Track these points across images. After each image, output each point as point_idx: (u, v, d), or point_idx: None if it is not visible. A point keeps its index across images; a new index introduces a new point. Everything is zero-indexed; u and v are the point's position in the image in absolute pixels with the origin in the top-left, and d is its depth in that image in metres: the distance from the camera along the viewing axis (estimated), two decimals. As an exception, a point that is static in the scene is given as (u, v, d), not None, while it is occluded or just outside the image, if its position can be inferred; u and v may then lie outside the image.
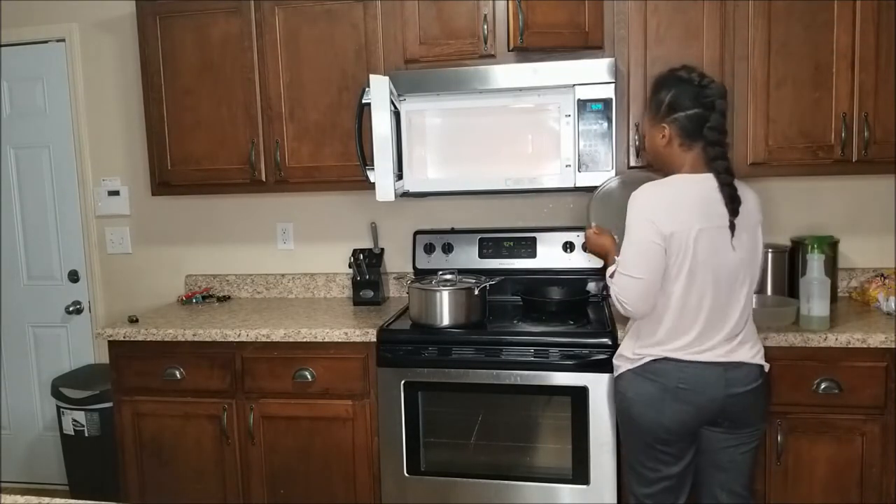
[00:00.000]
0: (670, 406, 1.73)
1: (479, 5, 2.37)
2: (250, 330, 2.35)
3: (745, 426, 1.79)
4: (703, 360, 1.73)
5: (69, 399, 2.85)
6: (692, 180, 1.72)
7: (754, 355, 1.78)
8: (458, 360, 2.20)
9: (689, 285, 1.71)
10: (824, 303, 2.09)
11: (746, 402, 1.76)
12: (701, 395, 1.73)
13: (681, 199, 1.70)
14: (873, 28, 2.18)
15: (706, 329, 1.73)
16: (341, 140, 2.52)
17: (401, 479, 2.28)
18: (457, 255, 2.71)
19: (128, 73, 2.99)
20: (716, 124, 1.69)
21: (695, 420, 1.75)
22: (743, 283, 1.75)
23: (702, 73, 1.74)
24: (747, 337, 1.78)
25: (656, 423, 1.75)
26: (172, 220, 3.07)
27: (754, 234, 1.77)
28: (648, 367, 1.76)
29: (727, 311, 1.74)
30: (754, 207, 1.78)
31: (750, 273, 1.77)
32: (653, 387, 1.75)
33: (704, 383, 1.72)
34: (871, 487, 2.06)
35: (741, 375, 1.75)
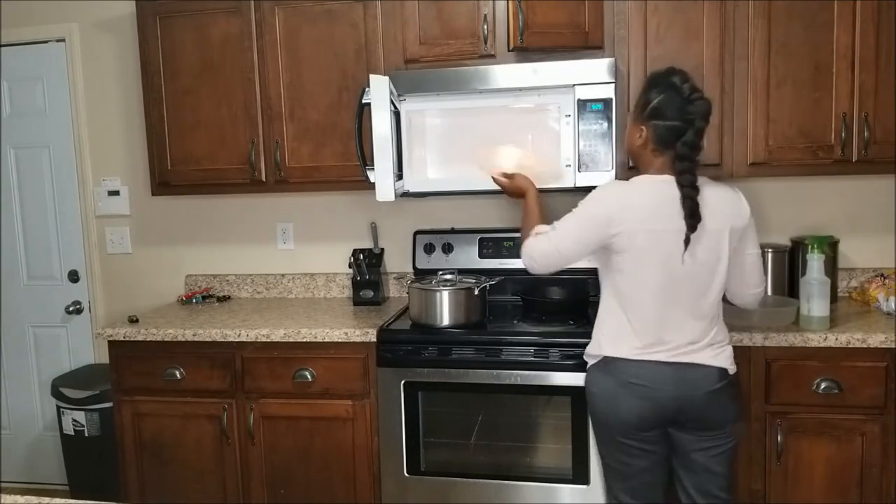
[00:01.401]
0: (626, 400, 1.76)
1: (479, 5, 2.37)
2: (250, 330, 2.35)
3: (710, 429, 1.77)
4: (653, 359, 1.74)
5: (69, 399, 2.85)
6: (657, 181, 1.74)
7: (715, 356, 1.76)
8: (458, 360, 2.20)
9: (641, 285, 1.74)
10: (824, 303, 2.09)
11: (706, 404, 1.74)
12: (655, 391, 1.74)
13: (640, 201, 1.73)
14: (873, 28, 2.18)
15: (660, 332, 1.74)
16: (341, 140, 2.52)
17: (401, 479, 2.28)
18: (457, 255, 2.71)
19: (128, 73, 2.99)
20: (690, 140, 1.70)
21: (652, 415, 1.75)
22: (706, 289, 1.74)
23: (693, 86, 1.73)
24: (711, 342, 1.77)
25: (614, 417, 1.78)
26: (172, 220, 3.07)
27: (724, 240, 1.73)
28: (605, 361, 1.81)
29: (685, 318, 1.74)
30: (733, 212, 1.75)
31: (717, 279, 1.75)
32: (610, 381, 1.78)
33: (657, 380, 1.74)
34: (871, 487, 2.06)
35: (698, 376, 1.74)
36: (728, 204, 1.75)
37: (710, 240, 1.72)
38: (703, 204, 1.69)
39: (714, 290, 1.76)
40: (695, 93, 1.72)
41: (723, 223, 1.73)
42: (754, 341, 2.06)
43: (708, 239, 1.71)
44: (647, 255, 1.72)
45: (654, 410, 1.75)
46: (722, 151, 2.30)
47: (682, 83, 1.72)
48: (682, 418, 1.76)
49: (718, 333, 1.80)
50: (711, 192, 1.74)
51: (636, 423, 1.76)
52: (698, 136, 1.71)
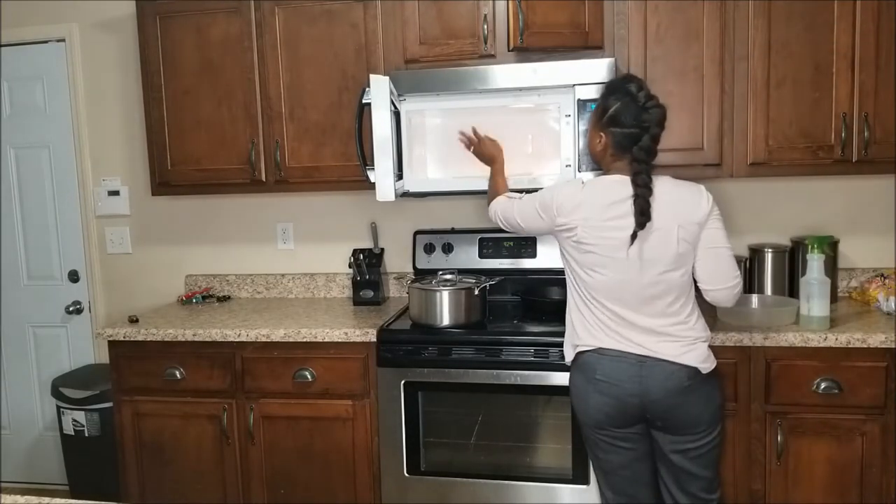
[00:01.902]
0: (593, 397, 1.80)
1: (479, 5, 2.37)
2: (250, 330, 2.35)
3: (680, 429, 1.78)
4: (619, 349, 1.77)
5: (69, 399, 2.85)
6: (613, 182, 1.79)
7: (682, 354, 1.75)
8: (458, 360, 2.20)
9: (598, 282, 1.78)
10: (824, 303, 2.09)
11: (672, 403, 1.75)
12: (618, 388, 1.76)
13: (592, 199, 1.79)
14: (873, 28, 2.18)
15: (621, 328, 1.78)
16: (341, 140, 2.52)
17: (401, 479, 2.28)
18: (457, 255, 2.71)
19: (128, 73, 2.99)
20: (646, 146, 1.76)
21: (618, 413, 1.77)
22: (664, 286, 1.76)
23: (649, 94, 1.78)
24: (677, 338, 1.77)
25: (585, 413, 1.83)
26: (172, 220, 3.07)
27: (676, 237, 1.74)
28: (577, 359, 1.85)
29: (647, 314, 1.77)
30: (687, 210, 1.76)
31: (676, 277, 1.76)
32: (581, 378, 1.83)
33: (620, 376, 1.76)
34: (871, 487, 2.06)
35: (663, 374, 1.74)
36: (683, 202, 1.77)
37: (662, 237, 1.74)
38: (657, 202, 1.73)
39: (674, 286, 1.77)
40: (650, 100, 1.77)
41: (675, 221, 1.75)
42: (754, 341, 2.06)
43: (660, 237, 1.74)
44: (601, 252, 1.76)
45: (619, 408, 1.77)
46: (722, 151, 2.30)
47: (637, 91, 1.77)
48: (652, 416, 1.78)
49: (688, 330, 1.78)
50: (668, 191, 1.77)
51: (604, 419, 1.80)
52: (654, 141, 1.77)
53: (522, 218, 1.95)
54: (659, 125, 1.78)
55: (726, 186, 2.62)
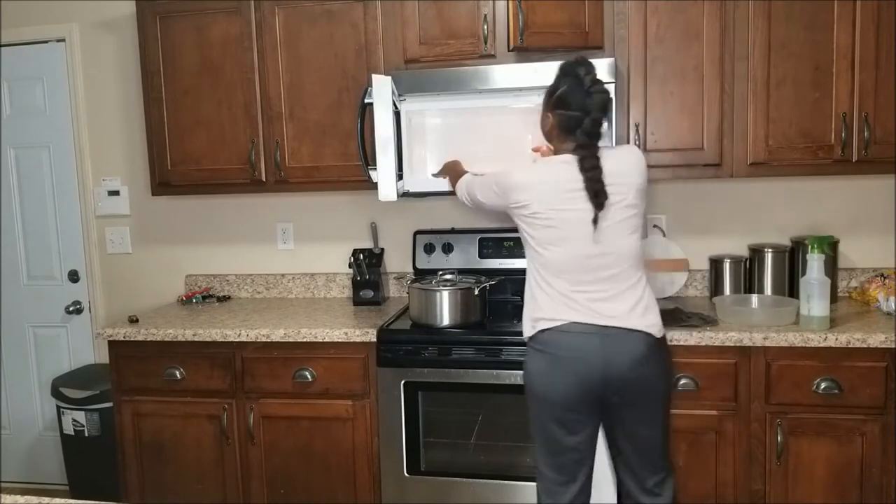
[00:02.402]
0: (557, 375, 1.79)
1: (479, 5, 2.37)
2: (250, 330, 2.35)
3: (638, 400, 1.80)
4: (581, 321, 1.78)
5: (69, 399, 2.85)
6: (560, 162, 1.83)
7: (639, 322, 1.78)
8: (458, 360, 2.20)
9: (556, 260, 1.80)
10: (824, 303, 2.09)
11: (633, 375, 1.76)
12: (582, 363, 1.77)
13: (542, 179, 1.83)
14: (873, 28, 2.18)
15: (578, 295, 1.79)
16: (341, 140, 2.52)
17: (401, 479, 2.28)
18: (457, 255, 2.71)
19: (128, 73, 2.99)
20: (587, 129, 1.79)
21: (582, 390, 1.78)
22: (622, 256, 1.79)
23: (595, 79, 1.80)
24: (633, 304, 1.79)
25: (546, 392, 1.81)
26: (172, 220, 3.07)
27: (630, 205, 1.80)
28: (539, 336, 1.83)
29: (602, 280, 1.79)
30: (634, 175, 1.81)
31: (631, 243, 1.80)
32: (542, 357, 1.82)
33: (583, 350, 1.77)
34: (871, 487, 2.06)
35: (623, 345, 1.76)
36: (626, 172, 1.81)
37: (614, 212, 1.78)
38: (606, 180, 1.76)
39: (629, 255, 1.81)
40: (594, 85, 1.79)
41: (623, 192, 1.79)
42: (754, 341, 2.06)
43: (612, 213, 1.78)
44: (553, 230, 1.80)
45: (582, 385, 1.77)
46: (722, 151, 2.30)
47: (584, 75, 1.80)
48: (610, 391, 1.78)
49: (642, 297, 1.82)
50: (612, 163, 1.79)
51: (566, 398, 1.79)
52: (594, 125, 1.79)
53: (482, 193, 1.99)
54: (600, 110, 1.80)
55: (726, 186, 2.62)
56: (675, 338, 2.08)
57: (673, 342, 2.08)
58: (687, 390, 2.10)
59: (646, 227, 1.90)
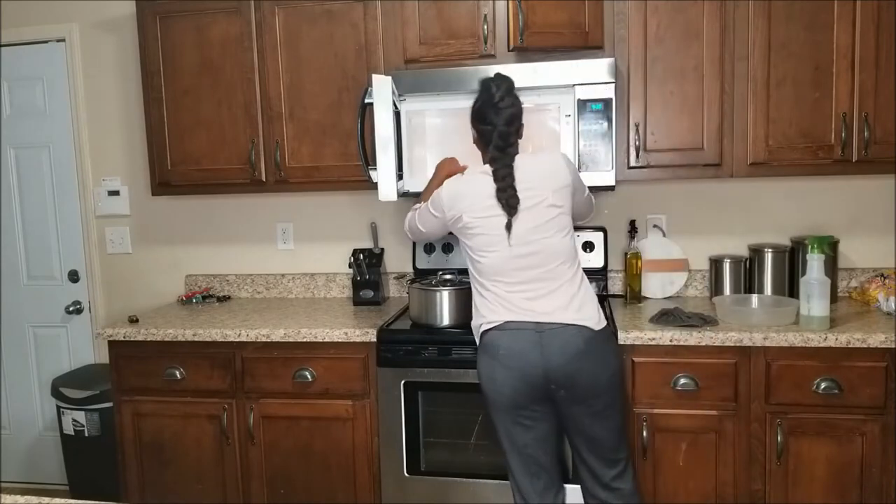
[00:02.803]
0: (499, 372, 1.84)
1: (479, 5, 2.37)
2: (250, 330, 2.35)
3: (582, 394, 1.81)
4: (518, 319, 1.82)
5: (69, 399, 2.85)
6: (481, 174, 1.90)
7: (574, 317, 1.81)
8: (458, 360, 2.20)
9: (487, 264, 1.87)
10: (824, 303, 2.09)
11: (572, 369, 1.79)
12: (521, 360, 1.81)
13: (467, 190, 1.90)
14: (873, 28, 2.18)
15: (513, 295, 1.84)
16: (341, 140, 2.52)
17: (401, 479, 2.28)
18: (457, 255, 2.70)
19: (128, 73, 2.99)
20: (496, 143, 1.86)
21: (525, 385, 1.81)
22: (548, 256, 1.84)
23: (505, 93, 1.86)
24: (567, 301, 1.83)
25: (493, 391, 1.86)
26: (172, 220, 3.07)
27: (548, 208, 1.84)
28: (483, 339, 1.90)
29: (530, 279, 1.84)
30: (551, 181, 1.86)
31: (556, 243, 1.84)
32: (485, 357, 1.87)
33: (521, 347, 1.81)
34: (871, 487, 2.06)
35: (560, 340, 1.79)
36: (545, 176, 1.86)
37: (536, 214, 1.83)
38: (521, 185, 1.83)
39: (558, 252, 1.85)
40: (503, 100, 1.86)
41: (543, 195, 1.84)
42: (754, 341, 2.06)
43: (533, 215, 1.83)
44: (483, 237, 1.86)
45: (524, 380, 1.81)
46: (722, 151, 2.30)
47: (495, 90, 1.86)
48: (554, 386, 1.81)
49: (576, 293, 1.85)
50: (529, 169, 1.85)
51: (511, 394, 1.83)
52: (501, 137, 1.85)
53: (422, 222, 2.05)
54: (507, 124, 1.86)
55: (726, 186, 2.62)
56: (675, 338, 2.09)
57: (673, 342, 2.08)
58: (687, 390, 2.10)
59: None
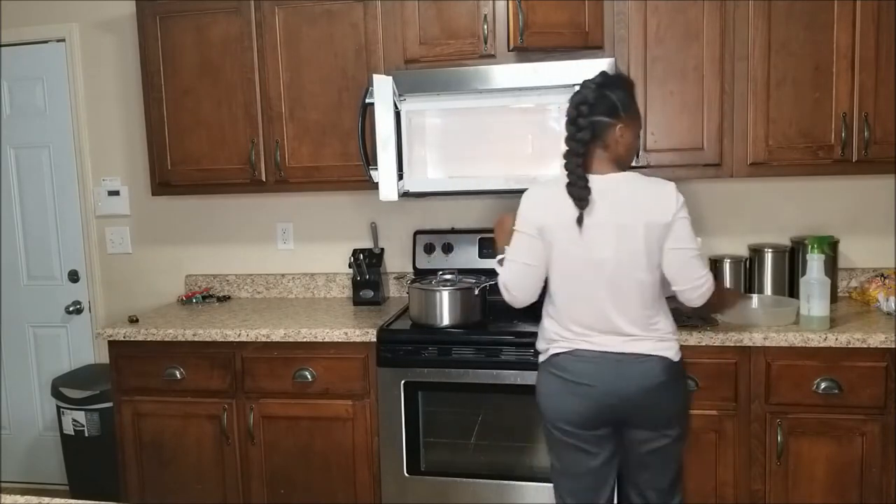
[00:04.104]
0: (570, 399, 1.78)
1: (479, 5, 2.37)
2: (250, 330, 2.35)
3: (652, 424, 1.77)
4: (595, 349, 1.76)
5: (69, 399, 2.85)
6: (561, 177, 1.80)
7: (655, 349, 1.76)
8: (458, 360, 2.20)
9: (563, 278, 1.79)
10: (824, 303, 2.09)
11: (648, 400, 1.74)
12: (596, 390, 1.75)
13: (550, 198, 1.79)
14: (873, 28, 2.18)
15: (589, 322, 1.77)
16: (341, 140, 2.52)
17: (401, 479, 2.28)
18: (457, 255, 2.71)
19: (128, 73, 2.99)
20: (567, 128, 1.76)
21: (594, 414, 1.76)
22: (628, 284, 1.74)
23: (591, 79, 1.75)
24: (647, 333, 1.76)
25: (559, 416, 1.80)
26: (172, 220, 3.07)
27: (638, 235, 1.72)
28: (552, 360, 1.82)
29: (606, 307, 1.75)
30: (652, 208, 1.72)
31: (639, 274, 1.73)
32: (555, 381, 1.81)
33: (598, 377, 1.75)
34: (871, 487, 2.06)
35: (637, 371, 1.74)
36: (645, 200, 1.74)
37: (620, 234, 1.72)
38: (612, 197, 1.72)
39: (635, 285, 1.74)
40: (586, 83, 1.75)
41: (634, 219, 1.72)
42: (754, 341, 2.06)
43: (616, 233, 1.72)
44: (561, 248, 1.76)
45: (594, 409, 1.76)
46: (722, 151, 2.30)
47: (588, 79, 1.76)
48: (624, 415, 1.77)
49: (658, 327, 1.78)
50: (629, 188, 1.75)
51: (578, 422, 1.78)
52: (569, 122, 1.75)
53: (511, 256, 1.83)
54: (574, 106, 1.74)
55: (726, 186, 2.62)
56: (675, 338, 2.09)
57: (673, 342, 2.08)
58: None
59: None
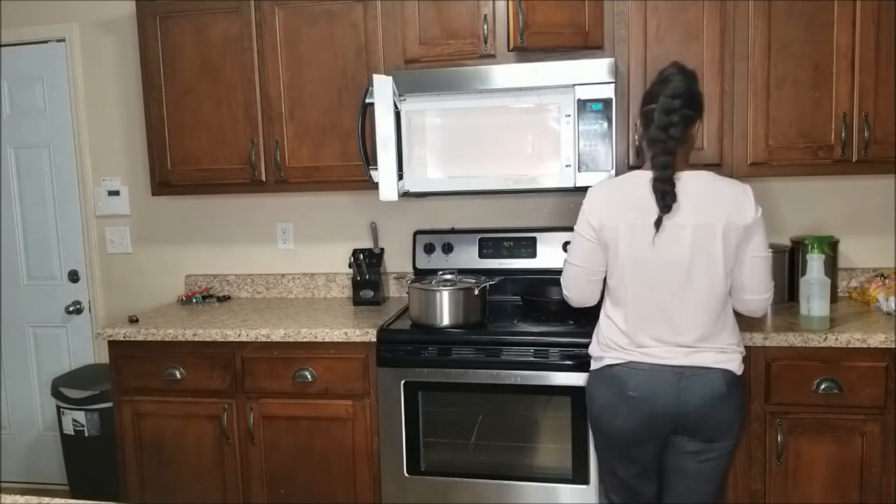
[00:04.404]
0: (624, 412, 1.73)
1: (479, 5, 2.37)
2: (250, 330, 2.35)
3: (709, 435, 1.72)
4: (653, 362, 1.70)
5: (69, 399, 2.85)
6: (640, 174, 1.73)
7: (717, 361, 1.70)
8: (458, 360, 2.20)
9: (624, 282, 1.72)
10: (824, 303, 2.09)
11: (708, 412, 1.69)
12: (653, 403, 1.70)
13: (620, 196, 1.72)
14: (873, 28, 2.18)
15: (651, 330, 1.71)
16: (341, 140, 2.52)
17: (401, 479, 2.28)
18: (457, 255, 2.71)
19: (128, 73, 2.99)
20: (657, 120, 1.65)
21: (649, 427, 1.72)
22: (698, 288, 1.67)
23: (674, 70, 1.68)
24: (711, 344, 1.70)
25: (612, 427, 1.77)
26: (172, 220, 3.07)
27: (715, 238, 1.65)
28: (605, 371, 1.79)
29: (673, 313, 1.69)
30: (730, 210, 1.65)
31: (710, 279, 1.67)
32: (608, 392, 1.77)
33: (655, 390, 1.69)
34: (871, 487, 2.06)
35: (699, 384, 1.68)
36: (726, 201, 1.66)
37: (698, 235, 1.65)
38: (693, 197, 1.65)
39: (708, 289, 1.67)
40: (673, 75, 1.67)
41: (714, 219, 1.64)
42: (754, 341, 2.06)
43: (694, 233, 1.64)
44: (629, 249, 1.70)
45: (650, 422, 1.72)
46: (722, 151, 2.30)
47: (669, 69, 1.70)
48: (681, 427, 1.73)
49: (723, 337, 1.73)
50: (709, 187, 1.68)
51: (632, 434, 1.75)
52: (663, 113, 1.64)
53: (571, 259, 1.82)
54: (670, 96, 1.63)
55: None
56: (675, 338, 2.08)
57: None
58: (687, 390, 2.10)
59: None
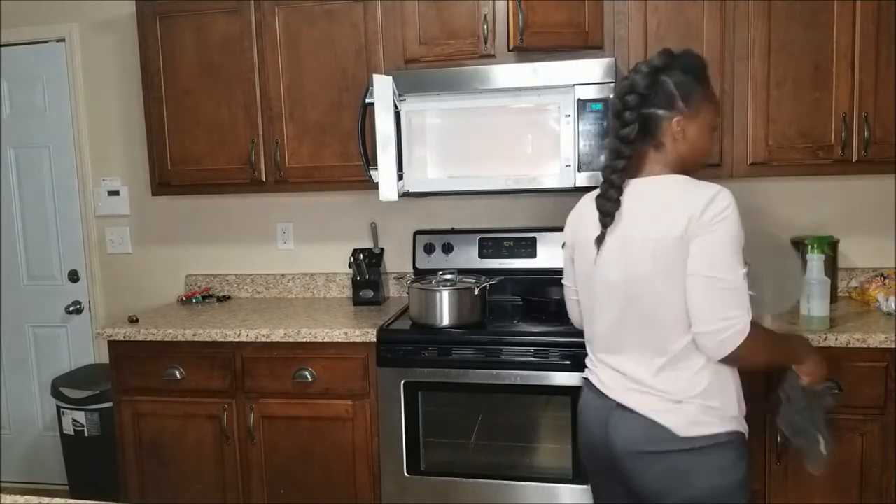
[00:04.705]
0: (580, 430, 1.60)
1: (479, 5, 2.37)
2: (250, 330, 2.35)
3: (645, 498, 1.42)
4: (598, 388, 1.51)
5: (69, 399, 2.85)
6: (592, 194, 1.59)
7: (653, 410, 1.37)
8: (458, 360, 2.20)
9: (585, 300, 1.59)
10: (824, 303, 2.09)
11: (638, 467, 1.40)
12: (587, 433, 1.54)
13: (585, 209, 1.56)
14: (873, 28, 2.18)
15: (603, 352, 1.53)
16: (341, 140, 2.52)
17: (401, 479, 2.28)
18: (457, 255, 2.71)
19: (128, 73, 2.99)
20: (611, 124, 1.46)
21: (588, 455, 1.57)
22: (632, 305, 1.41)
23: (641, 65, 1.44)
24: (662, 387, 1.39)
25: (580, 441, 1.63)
26: (172, 220, 3.07)
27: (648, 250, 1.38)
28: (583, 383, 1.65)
29: (619, 339, 1.45)
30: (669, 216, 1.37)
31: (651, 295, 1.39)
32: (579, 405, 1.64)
33: (589, 418, 1.53)
34: (871, 487, 2.06)
35: (629, 427, 1.40)
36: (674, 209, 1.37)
37: (630, 250, 1.40)
38: (637, 209, 1.42)
39: (649, 314, 1.40)
40: (634, 69, 1.45)
41: (647, 231, 1.38)
42: (754, 341, 2.06)
43: (626, 249, 1.41)
44: (581, 267, 1.57)
45: (592, 451, 1.53)
46: (722, 151, 2.30)
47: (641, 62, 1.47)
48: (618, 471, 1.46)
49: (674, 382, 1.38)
50: (660, 193, 1.42)
51: (584, 457, 1.62)
52: (614, 116, 1.43)
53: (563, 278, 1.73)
54: (619, 97, 1.42)
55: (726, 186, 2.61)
56: (675, 338, 2.08)
57: (673, 342, 2.08)
58: (687, 390, 2.10)
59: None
